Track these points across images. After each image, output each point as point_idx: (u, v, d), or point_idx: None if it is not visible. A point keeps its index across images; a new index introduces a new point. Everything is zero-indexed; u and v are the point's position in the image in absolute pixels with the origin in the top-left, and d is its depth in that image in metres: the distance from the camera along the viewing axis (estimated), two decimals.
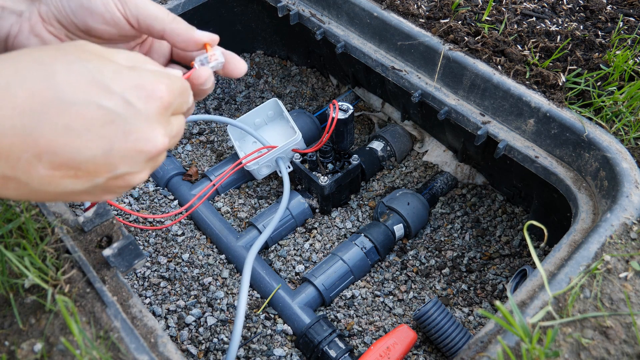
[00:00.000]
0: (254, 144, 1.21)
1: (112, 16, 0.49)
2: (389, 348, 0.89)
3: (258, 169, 1.14)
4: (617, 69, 0.90)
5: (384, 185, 1.23)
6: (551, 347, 0.57)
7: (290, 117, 1.18)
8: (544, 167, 0.87)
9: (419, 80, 1.01)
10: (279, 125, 1.24)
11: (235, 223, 1.15)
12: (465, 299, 1.02)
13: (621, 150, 0.80)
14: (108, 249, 0.64)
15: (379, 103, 1.32)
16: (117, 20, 0.49)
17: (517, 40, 0.99)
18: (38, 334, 0.58)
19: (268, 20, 1.40)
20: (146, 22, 0.50)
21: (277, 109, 1.22)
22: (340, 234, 1.14)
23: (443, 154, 1.23)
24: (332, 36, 1.12)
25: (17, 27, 0.49)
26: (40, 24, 0.50)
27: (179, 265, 1.05)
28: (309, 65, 1.49)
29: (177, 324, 0.96)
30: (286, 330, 0.95)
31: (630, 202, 0.73)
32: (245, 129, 1.14)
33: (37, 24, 0.49)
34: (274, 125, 1.25)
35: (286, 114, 1.18)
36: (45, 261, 0.63)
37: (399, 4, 1.05)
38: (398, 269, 1.08)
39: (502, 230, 1.12)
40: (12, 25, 0.49)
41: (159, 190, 1.18)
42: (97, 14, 0.49)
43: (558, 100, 0.88)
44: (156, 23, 0.50)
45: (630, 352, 0.57)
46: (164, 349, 0.60)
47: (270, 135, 1.23)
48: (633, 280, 0.63)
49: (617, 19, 1.07)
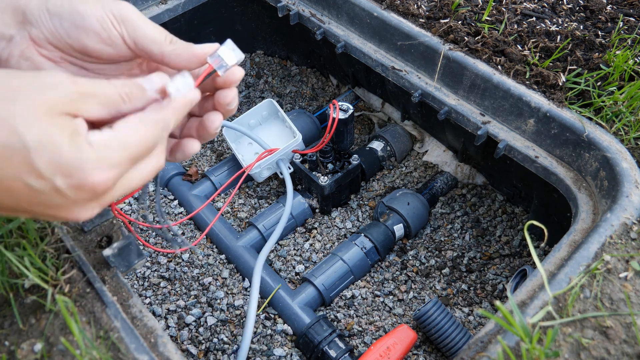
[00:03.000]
0: (250, 144, 1.21)
1: (108, 35, 0.47)
2: (389, 348, 0.89)
3: (259, 172, 1.14)
4: (617, 69, 0.90)
5: (384, 185, 1.23)
6: (551, 347, 0.57)
7: (287, 118, 1.17)
8: (544, 167, 0.87)
9: (419, 80, 1.01)
10: (274, 125, 1.24)
11: (235, 223, 1.15)
12: (465, 299, 1.02)
13: (621, 150, 0.80)
14: (108, 249, 0.64)
15: (379, 103, 1.32)
16: (114, 39, 0.47)
17: (517, 40, 0.99)
18: (38, 334, 0.58)
19: (268, 20, 1.40)
20: (143, 46, 0.48)
21: (272, 109, 1.21)
22: (340, 234, 1.14)
23: (443, 154, 1.23)
24: (332, 36, 1.12)
25: (7, 52, 0.47)
26: (32, 48, 0.47)
27: (179, 265, 1.05)
28: (309, 65, 1.49)
29: (177, 324, 0.96)
30: (286, 330, 0.95)
31: (630, 202, 0.73)
32: (244, 131, 1.13)
33: (29, 48, 0.47)
34: (269, 126, 1.24)
35: (282, 114, 1.18)
36: (45, 261, 0.63)
37: (399, 4, 1.05)
38: (398, 269, 1.08)
39: (502, 230, 1.12)
40: (2, 50, 0.47)
41: (159, 190, 1.18)
42: (93, 33, 0.47)
43: (558, 100, 0.88)
44: (154, 46, 0.48)
45: (630, 352, 0.57)
46: (164, 349, 0.60)
47: (266, 135, 1.22)
48: (633, 280, 0.63)
49: (617, 19, 1.07)
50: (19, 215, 0.42)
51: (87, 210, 0.42)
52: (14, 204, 0.40)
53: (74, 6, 0.47)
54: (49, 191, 0.38)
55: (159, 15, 1.15)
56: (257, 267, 0.92)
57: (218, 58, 0.48)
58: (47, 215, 0.41)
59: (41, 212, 0.41)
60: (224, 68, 0.48)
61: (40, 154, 0.37)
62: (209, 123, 0.51)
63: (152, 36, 0.47)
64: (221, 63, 0.48)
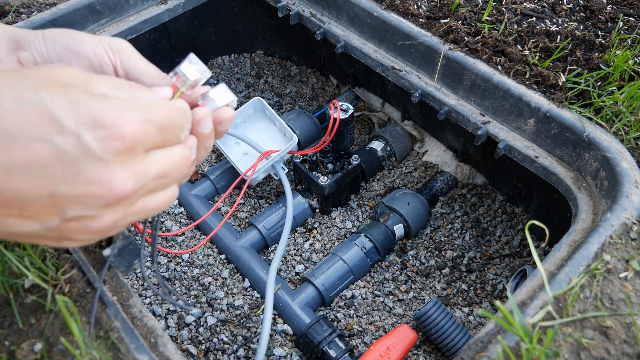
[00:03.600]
0: (237, 144, 1.18)
1: (100, 62, 0.46)
2: (389, 348, 0.89)
3: (256, 177, 1.13)
4: (617, 69, 0.90)
5: (384, 185, 1.23)
6: (551, 347, 0.57)
7: (279, 117, 1.15)
8: (544, 167, 0.87)
9: (419, 80, 1.01)
10: (261, 124, 1.20)
11: (235, 223, 1.15)
12: (465, 299, 1.02)
13: (621, 150, 0.80)
14: (108, 249, 0.64)
15: (379, 103, 1.32)
16: (105, 67, 0.47)
17: (517, 40, 0.99)
18: (38, 334, 0.58)
19: (268, 20, 1.40)
20: (135, 77, 0.47)
21: (259, 107, 1.18)
22: (340, 234, 1.14)
23: (443, 154, 1.23)
24: (332, 36, 1.12)
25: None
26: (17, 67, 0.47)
27: (179, 265, 1.05)
28: (309, 65, 1.49)
29: (177, 324, 0.96)
30: (286, 330, 0.95)
31: (630, 202, 0.73)
32: (237, 135, 1.11)
33: (14, 67, 0.47)
34: (254, 124, 1.20)
35: (270, 113, 1.16)
36: (45, 261, 0.63)
37: (399, 4, 1.05)
38: (398, 269, 1.08)
39: (502, 230, 1.12)
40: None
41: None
42: (85, 58, 0.46)
43: (558, 100, 0.88)
44: (147, 78, 0.47)
45: (630, 352, 0.57)
46: (164, 349, 0.60)
47: (253, 134, 1.19)
48: (633, 280, 0.63)
49: (617, 19, 1.07)
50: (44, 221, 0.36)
51: (122, 171, 0.36)
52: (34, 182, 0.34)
53: (70, 34, 0.47)
54: (72, 146, 0.34)
55: (159, 15, 1.15)
56: (269, 285, 0.90)
57: (208, 98, 0.48)
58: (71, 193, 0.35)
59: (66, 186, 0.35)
60: (214, 108, 0.48)
61: (58, 105, 0.34)
62: None
63: (146, 69, 0.47)
64: (211, 103, 0.48)
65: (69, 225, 0.38)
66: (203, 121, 0.46)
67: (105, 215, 0.38)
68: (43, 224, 0.37)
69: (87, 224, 0.38)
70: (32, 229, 0.37)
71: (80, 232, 0.39)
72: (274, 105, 1.42)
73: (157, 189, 0.42)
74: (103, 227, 0.39)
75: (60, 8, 1.05)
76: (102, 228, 0.39)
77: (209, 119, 0.47)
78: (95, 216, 0.38)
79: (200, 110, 0.46)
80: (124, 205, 0.38)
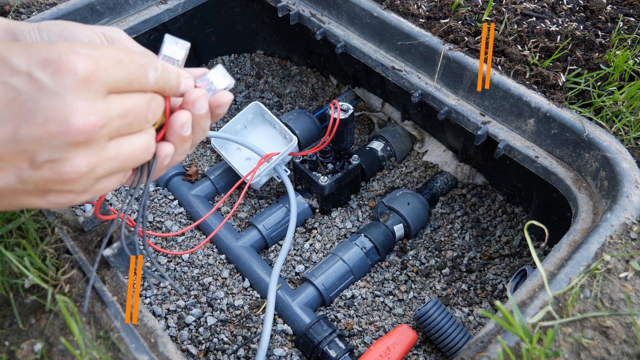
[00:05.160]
0: (238, 150, 1.19)
1: None
2: (389, 348, 0.89)
3: (258, 180, 1.13)
4: (617, 69, 0.90)
5: (384, 185, 1.23)
6: (551, 347, 0.57)
7: (277, 120, 1.15)
8: (544, 167, 0.87)
9: (419, 80, 1.01)
10: (261, 128, 1.21)
11: (235, 223, 1.15)
12: (465, 299, 1.02)
13: (621, 150, 0.80)
14: (108, 249, 0.63)
15: (379, 103, 1.32)
16: None
17: (517, 40, 0.99)
18: (38, 334, 0.58)
19: (268, 20, 1.40)
20: None
21: (258, 112, 1.18)
22: (340, 234, 1.14)
23: (443, 154, 1.23)
24: (332, 36, 1.12)
25: None
26: None
27: (179, 265, 1.05)
28: (309, 65, 1.49)
29: (177, 324, 0.96)
30: (286, 330, 0.95)
31: (630, 202, 0.73)
32: (240, 142, 1.11)
33: None
34: (254, 129, 1.21)
35: (270, 117, 1.16)
36: (45, 261, 0.63)
37: (399, 4, 1.05)
38: (398, 269, 1.08)
39: (502, 230, 1.12)
40: None
41: (159, 190, 1.18)
42: None
43: (558, 100, 0.88)
44: None
45: (630, 352, 0.57)
46: (164, 349, 0.60)
47: (254, 139, 1.19)
48: (633, 280, 0.63)
49: (617, 19, 1.07)
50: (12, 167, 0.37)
51: (80, 105, 0.36)
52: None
53: (65, 25, 0.48)
54: (25, 85, 0.35)
55: (159, 15, 1.15)
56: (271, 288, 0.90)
57: (207, 81, 0.48)
58: (33, 133, 0.35)
59: (26, 127, 0.35)
60: (212, 92, 0.49)
61: (12, 50, 0.35)
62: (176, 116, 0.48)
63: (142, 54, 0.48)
64: (210, 86, 0.48)
65: (41, 174, 0.37)
66: (198, 102, 0.46)
67: (75, 157, 0.38)
68: (15, 174, 0.37)
69: (59, 170, 0.38)
70: (7, 182, 0.37)
71: (58, 181, 0.38)
72: (274, 105, 1.42)
73: (125, 130, 0.41)
74: (77, 172, 0.38)
75: (60, 8, 1.05)
76: (77, 174, 0.38)
77: (204, 100, 0.47)
78: (64, 159, 0.37)
79: (196, 91, 0.46)
80: (92, 146, 0.38)
